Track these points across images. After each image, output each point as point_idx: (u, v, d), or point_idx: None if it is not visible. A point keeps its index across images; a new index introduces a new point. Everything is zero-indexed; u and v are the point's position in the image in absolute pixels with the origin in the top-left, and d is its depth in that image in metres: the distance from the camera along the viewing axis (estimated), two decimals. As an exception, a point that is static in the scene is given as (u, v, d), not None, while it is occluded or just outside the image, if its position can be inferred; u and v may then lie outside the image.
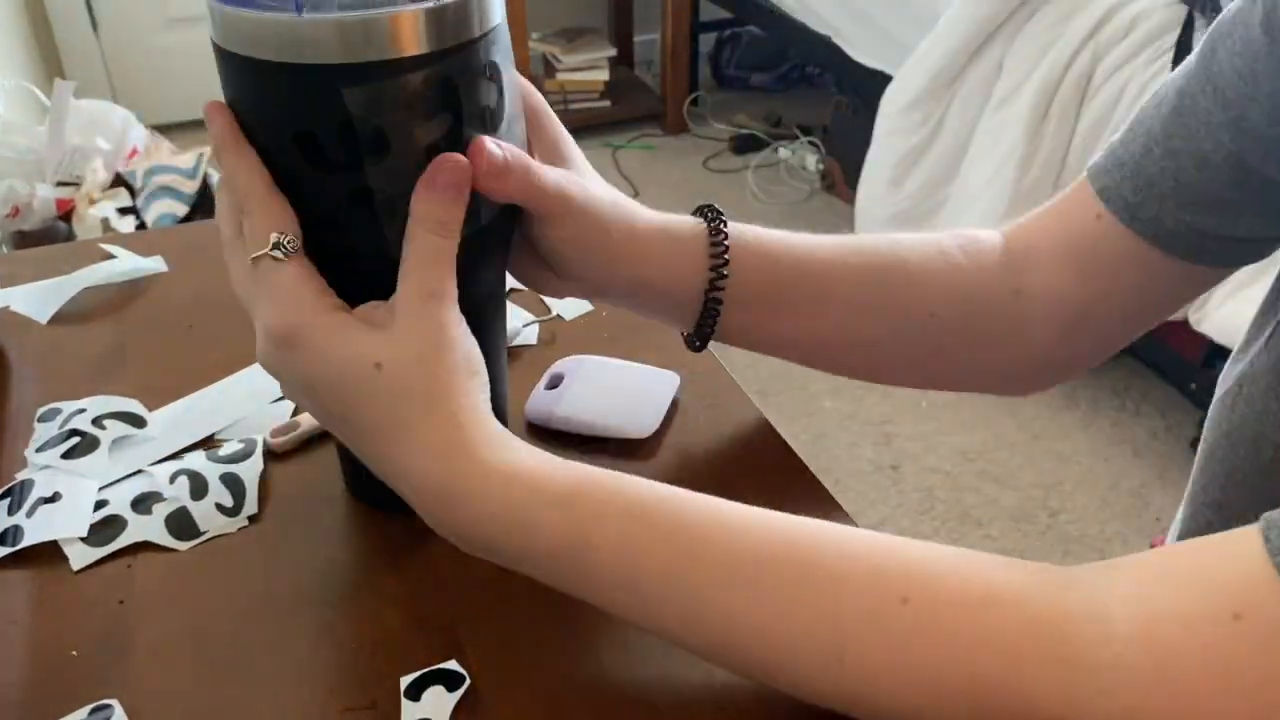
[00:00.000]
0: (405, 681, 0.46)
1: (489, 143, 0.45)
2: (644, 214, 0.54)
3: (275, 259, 0.45)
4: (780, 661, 0.41)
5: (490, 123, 0.46)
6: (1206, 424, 0.56)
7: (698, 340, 0.57)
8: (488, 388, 0.45)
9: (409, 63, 0.42)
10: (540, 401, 0.62)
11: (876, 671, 0.39)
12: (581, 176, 0.52)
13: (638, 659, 0.48)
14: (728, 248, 0.54)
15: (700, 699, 0.46)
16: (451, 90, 0.44)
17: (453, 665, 0.47)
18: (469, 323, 0.46)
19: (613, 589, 0.43)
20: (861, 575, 0.40)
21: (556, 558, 0.43)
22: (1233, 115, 0.50)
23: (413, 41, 0.42)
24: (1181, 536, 0.61)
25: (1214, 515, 0.56)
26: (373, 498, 0.56)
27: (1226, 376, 0.56)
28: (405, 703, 0.45)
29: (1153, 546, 0.76)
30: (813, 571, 0.41)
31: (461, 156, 0.45)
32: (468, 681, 0.46)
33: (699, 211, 0.56)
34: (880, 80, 2.24)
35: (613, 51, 3.10)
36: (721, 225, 0.54)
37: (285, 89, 0.43)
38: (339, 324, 0.44)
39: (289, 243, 0.45)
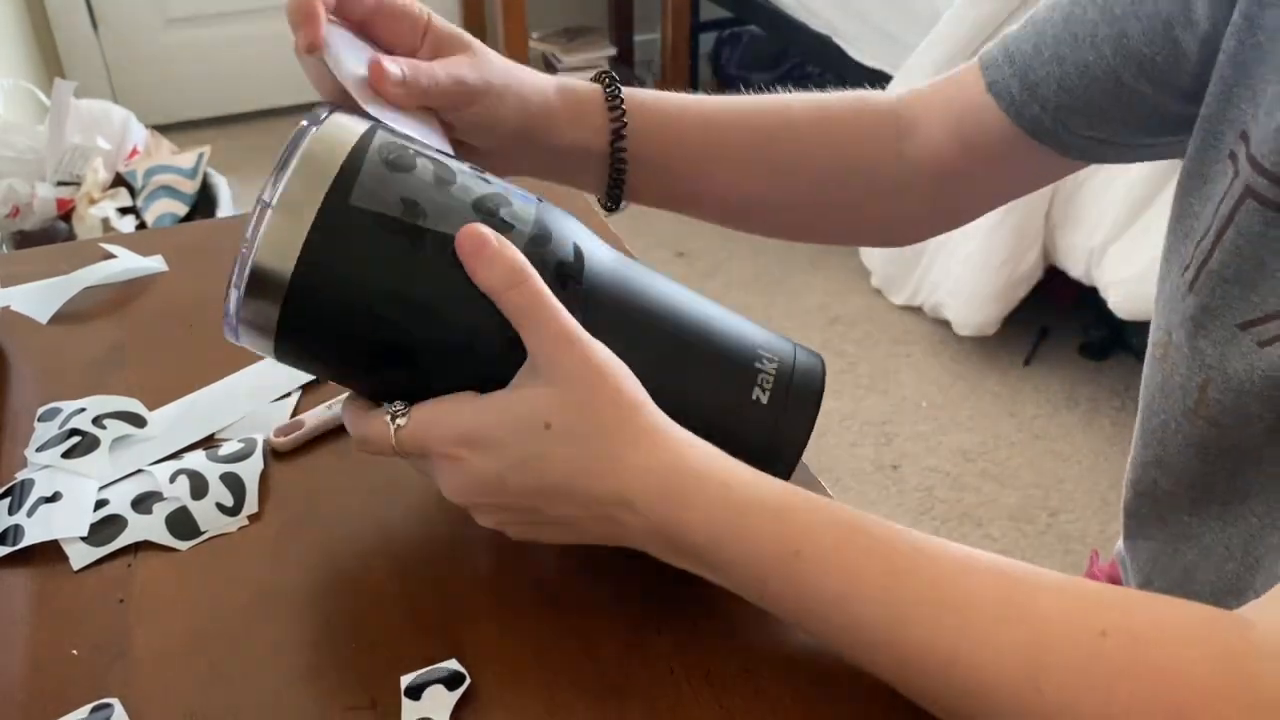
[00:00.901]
0: (405, 681, 0.46)
1: (385, 61, 0.50)
2: (540, 80, 0.58)
3: (401, 410, 0.47)
4: (980, 689, 0.41)
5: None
6: (1143, 384, 0.59)
7: (610, 202, 0.63)
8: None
9: None
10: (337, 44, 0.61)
11: (1076, 702, 0.39)
12: (477, 57, 0.56)
13: (638, 659, 0.48)
14: (624, 107, 0.59)
15: (700, 697, 0.46)
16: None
17: (453, 665, 0.47)
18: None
19: (818, 601, 0.43)
20: (1061, 606, 0.41)
21: (765, 566, 0.44)
22: (1116, 31, 0.55)
23: None
24: (1129, 498, 0.64)
25: (1157, 473, 0.58)
26: None
27: (1154, 331, 0.58)
28: (405, 702, 0.45)
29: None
30: (1016, 599, 0.41)
31: (475, 228, 0.45)
32: (468, 681, 0.46)
33: (596, 78, 0.61)
34: (880, 80, 2.24)
35: (613, 51, 3.10)
36: (617, 87, 0.60)
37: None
38: (488, 409, 0.45)
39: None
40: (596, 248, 0.50)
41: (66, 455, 0.59)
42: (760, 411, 0.49)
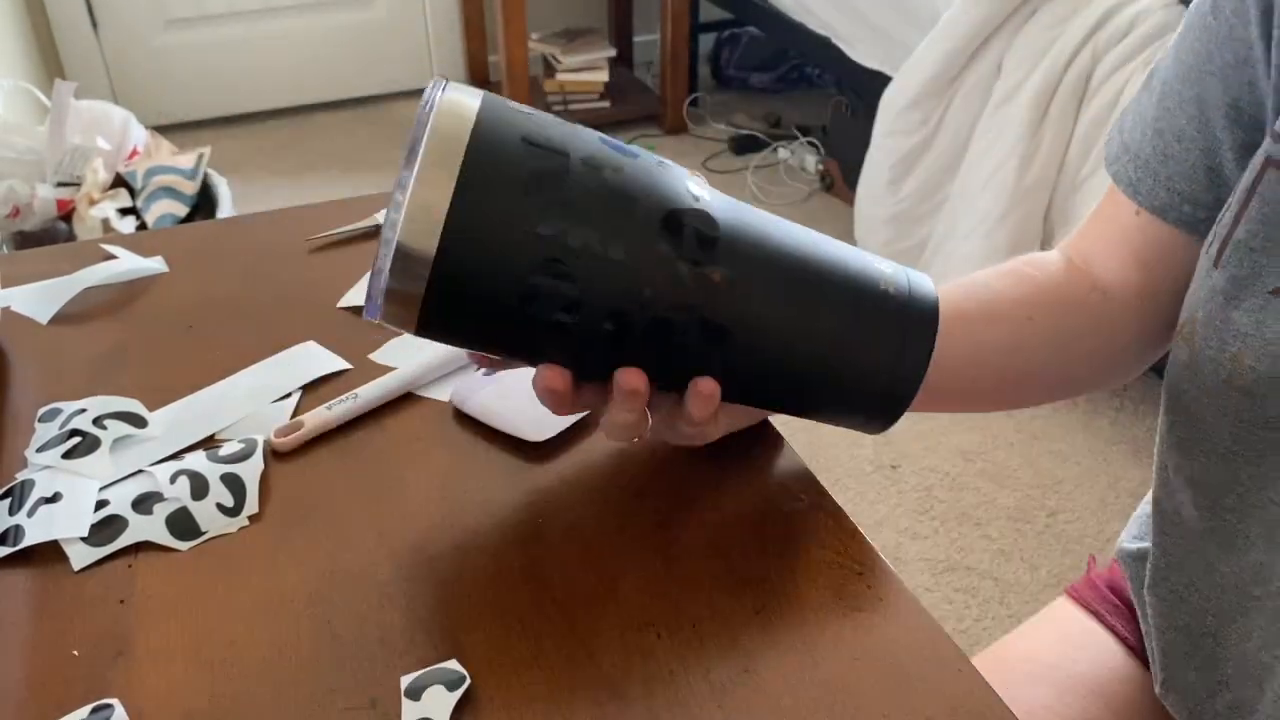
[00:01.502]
0: (405, 681, 0.46)
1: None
2: None
3: None
4: None
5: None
6: (1169, 365, 0.59)
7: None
8: None
9: None
10: (466, 384, 0.63)
11: None
12: None
13: (638, 659, 0.48)
14: None
15: (700, 697, 0.46)
16: None
17: (453, 665, 0.47)
18: None
19: None
20: None
21: None
22: (1196, 91, 0.58)
23: None
24: (1156, 489, 0.63)
25: (1180, 458, 0.58)
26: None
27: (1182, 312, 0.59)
28: (405, 702, 0.45)
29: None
30: None
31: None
32: (468, 681, 0.46)
33: None
34: (879, 81, 2.24)
35: (612, 52, 3.10)
36: None
37: None
38: None
39: None
40: (714, 197, 0.51)
41: (67, 456, 0.59)
42: (888, 321, 0.51)
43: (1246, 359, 0.52)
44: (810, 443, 1.91)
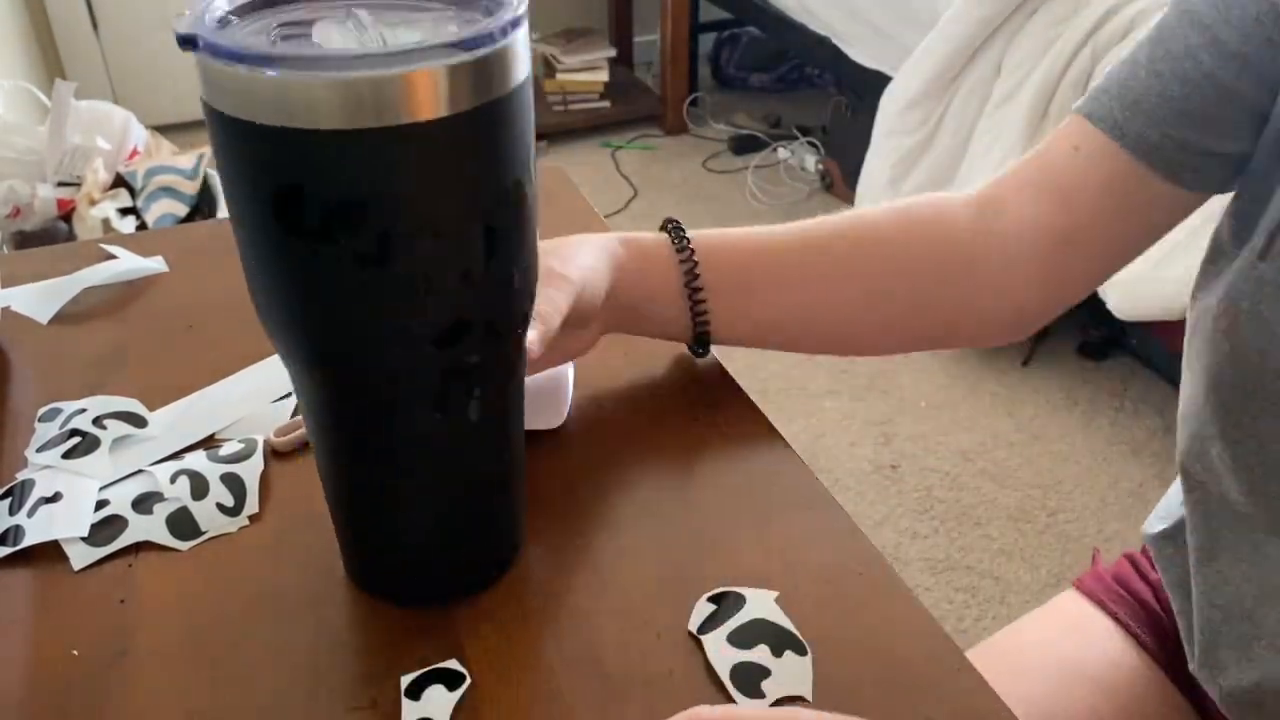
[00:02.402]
0: (405, 681, 0.46)
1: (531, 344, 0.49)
2: (605, 246, 0.58)
3: None
4: None
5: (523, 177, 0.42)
6: (1194, 361, 0.57)
7: (699, 346, 0.61)
8: None
9: (426, 127, 0.37)
10: None
11: None
12: (564, 269, 0.56)
13: (637, 659, 0.48)
14: (692, 247, 0.59)
15: (700, 698, 0.46)
16: (476, 155, 0.40)
17: (453, 665, 0.47)
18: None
19: None
20: None
21: None
22: (1208, 37, 0.55)
23: (431, 103, 0.37)
24: (1185, 484, 0.61)
25: (1224, 445, 0.57)
26: (375, 586, 0.52)
27: (1204, 307, 0.57)
28: (405, 702, 0.45)
29: (1145, 547, 0.77)
30: None
31: None
32: (468, 681, 0.46)
33: (661, 227, 0.61)
34: (879, 80, 2.24)
35: (612, 52, 3.10)
36: (681, 230, 0.60)
37: (279, 153, 0.38)
38: None
39: None
40: None
41: (67, 456, 0.59)
42: None
43: None
44: (810, 443, 1.91)
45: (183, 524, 0.55)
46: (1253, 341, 0.53)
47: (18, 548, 0.53)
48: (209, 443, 0.61)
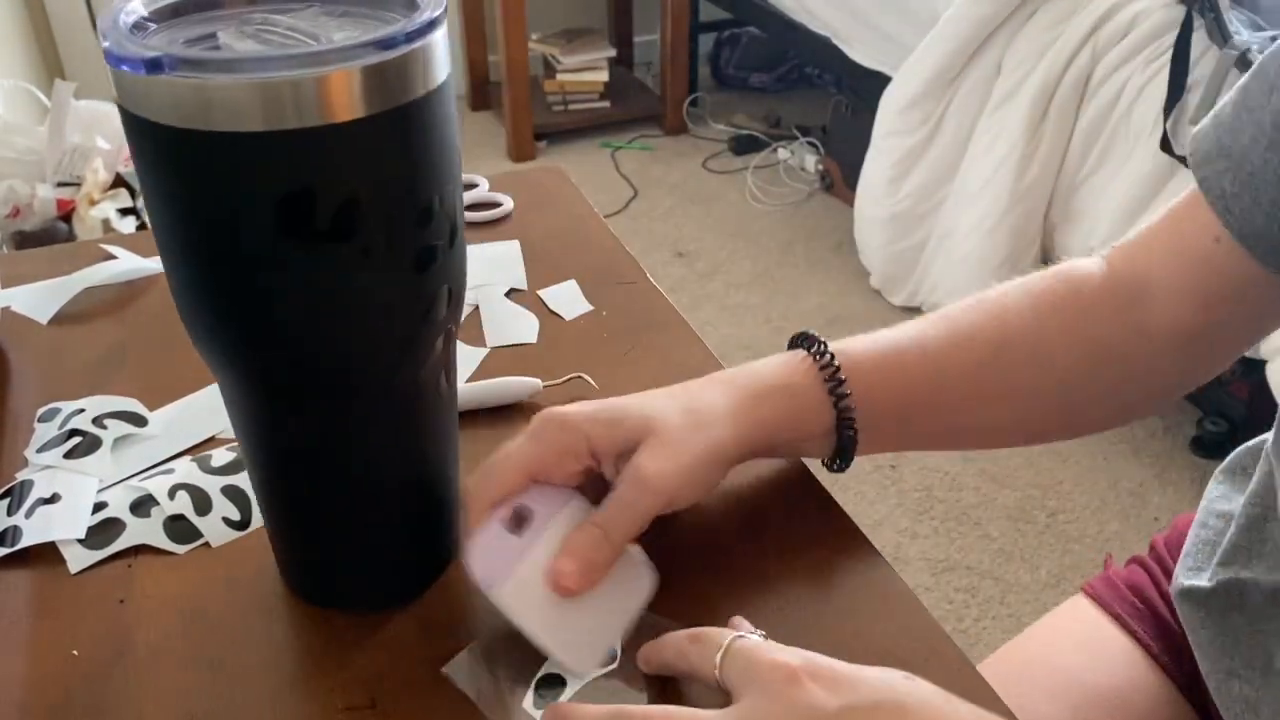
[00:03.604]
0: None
1: (559, 576, 0.46)
2: (761, 420, 0.52)
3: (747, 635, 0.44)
4: None
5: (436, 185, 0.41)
6: None
7: (839, 465, 0.57)
8: None
9: (344, 129, 0.37)
10: (492, 555, 0.47)
11: None
12: (662, 443, 0.49)
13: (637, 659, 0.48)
14: (847, 391, 0.53)
15: (700, 697, 0.46)
16: (394, 157, 0.39)
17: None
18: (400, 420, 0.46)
19: None
20: None
21: None
22: None
23: (347, 106, 0.37)
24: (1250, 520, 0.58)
25: None
26: (308, 594, 0.51)
27: None
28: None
29: (1151, 547, 0.76)
30: None
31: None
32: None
33: (797, 343, 0.55)
34: (879, 81, 2.24)
35: (612, 52, 3.10)
36: (831, 361, 0.53)
37: (195, 159, 0.38)
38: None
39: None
40: None
41: (68, 456, 0.59)
42: None
43: None
44: (810, 443, 1.91)
45: (181, 529, 0.55)
46: None
47: (15, 548, 0.53)
48: (209, 444, 0.60)
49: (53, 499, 0.56)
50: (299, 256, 0.39)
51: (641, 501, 0.48)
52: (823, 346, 0.54)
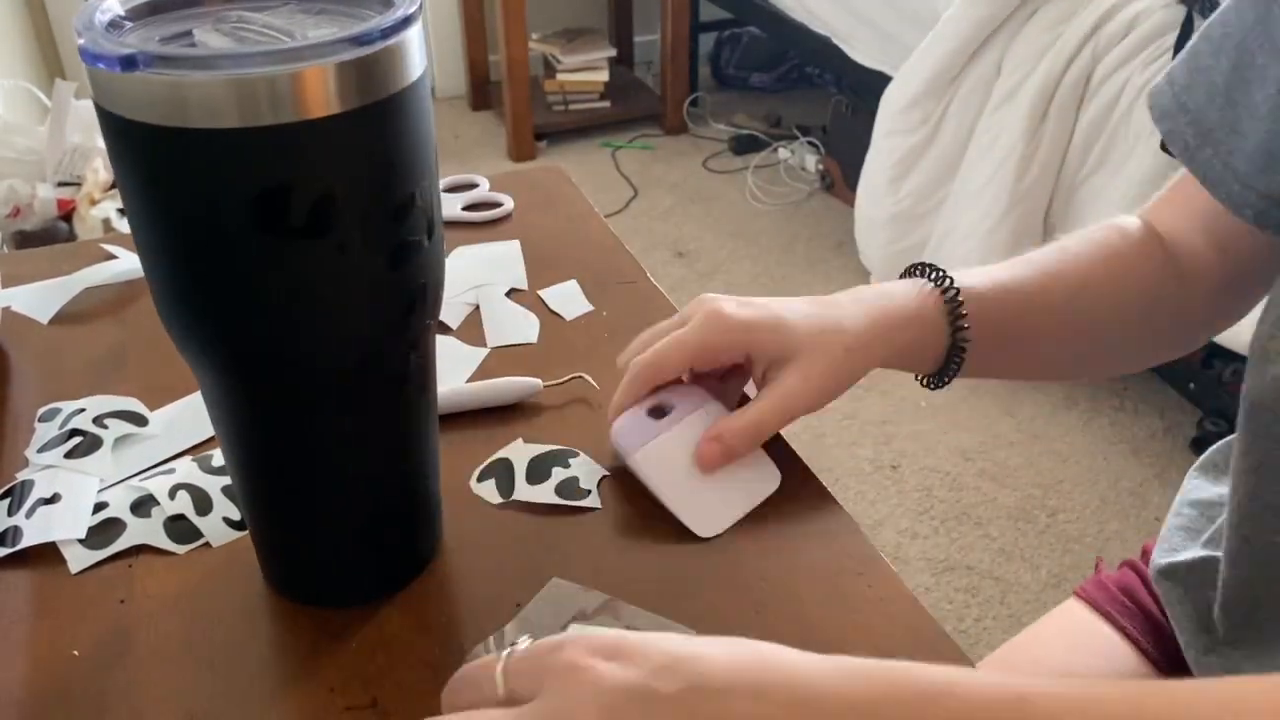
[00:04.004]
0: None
1: (704, 456, 0.54)
2: (893, 341, 0.58)
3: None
4: None
5: (415, 185, 0.41)
6: (1246, 389, 0.54)
7: (935, 384, 0.62)
8: None
9: (319, 125, 0.37)
10: (634, 431, 0.57)
11: None
12: (809, 358, 0.55)
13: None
14: (965, 315, 0.59)
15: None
16: (370, 152, 0.39)
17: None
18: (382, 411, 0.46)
19: None
20: None
21: None
22: None
23: (322, 102, 0.37)
24: (1236, 540, 0.58)
25: (1273, 486, 0.54)
26: (287, 590, 0.51)
27: (1266, 350, 0.54)
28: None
29: (1143, 551, 0.76)
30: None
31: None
32: None
33: (915, 272, 0.61)
34: (880, 80, 2.24)
35: (612, 52, 3.10)
36: (956, 295, 0.59)
37: (171, 156, 0.38)
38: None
39: None
40: None
41: (69, 456, 0.59)
42: None
43: None
44: (810, 442, 1.91)
45: (182, 529, 0.55)
46: None
47: (15, 548, 0.53)
48: (205, 447, 0.61)
49: (53, 499, 0.56)
50: (275, 252, 0.39)
51: (789, 412, 0.55)
52: (949, 280, 0.59)
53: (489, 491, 0.57)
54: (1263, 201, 0.57)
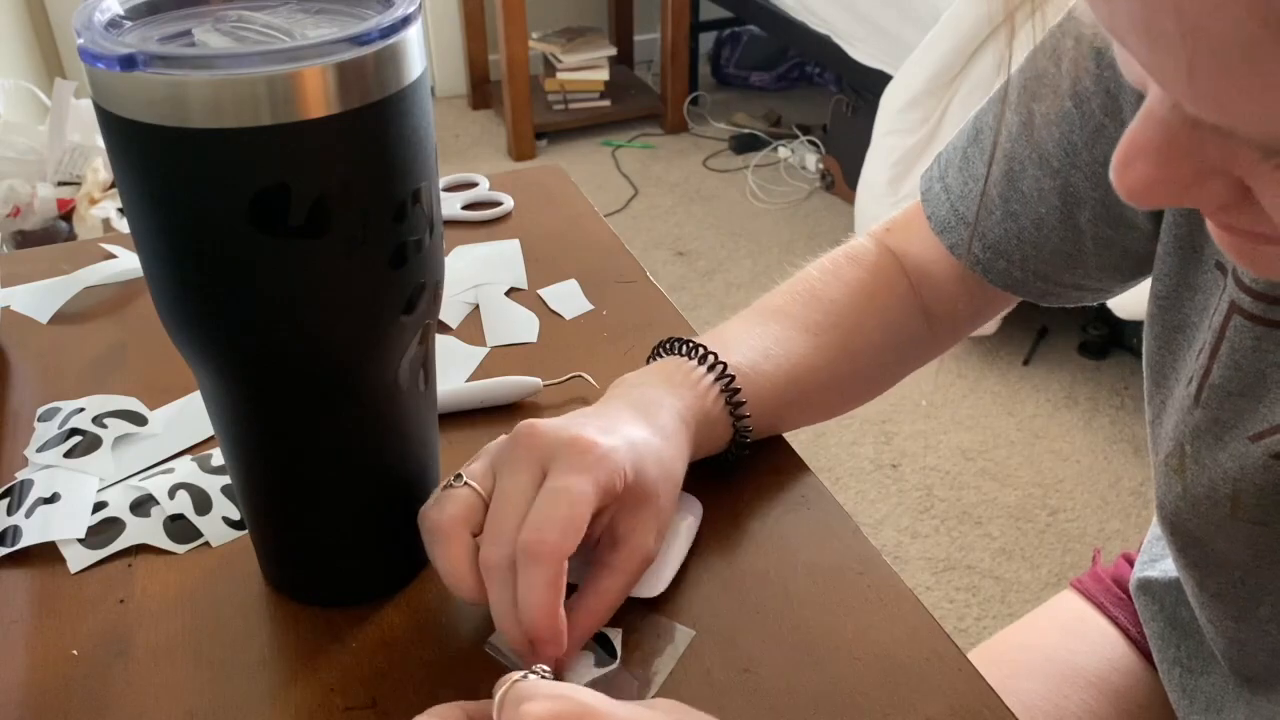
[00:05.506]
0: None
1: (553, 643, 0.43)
2: (670, 443, 0.51)
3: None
4: None
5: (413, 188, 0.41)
6: (1160, 493, 0.55)
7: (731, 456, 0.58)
8: None
9: (318, 125, 0.37)
10: None
11: None
12: (650, 506, 0.48)
13: (638, 657, 0.48)
14: (743, 404, 0.55)
15: (700, 697, 0.46)
16: (368, 153, 0.39)
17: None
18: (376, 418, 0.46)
19: None
20: None
21: None
22: (1060, 183, 0.55)
23: (321, 102, 0.37)
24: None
25: (1200, 576, 0.55)
26: (292, 590, 0.52)
27: (1162, 441, 0.55)
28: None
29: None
30: None
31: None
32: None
33: (674, 349, 0.57)
34: (880, 79, 2.24)
35: (613, 51, 3.10)
36: (731, 384, 0.55)
37: (170, 155, 0.38)
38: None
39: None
40: None
41: (68, 455, 0.59)
42: None
43: (1244, 498, 0.48)
44: (810, 442, 1.91)
45: (181, 529, 0.55)
46: (1196, 485, 0.51)
47: (15, 548, 0.53)
48: (205, 447, 0.61)
49: (53, 499, 0.56)
50: (275, 252, 0.39)
51: (641, 567, 0.48)
52: (723, 369, 0.55)
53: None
54: (1064, 289, 0.59)
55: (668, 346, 0.58)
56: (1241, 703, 0.58)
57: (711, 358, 0.56)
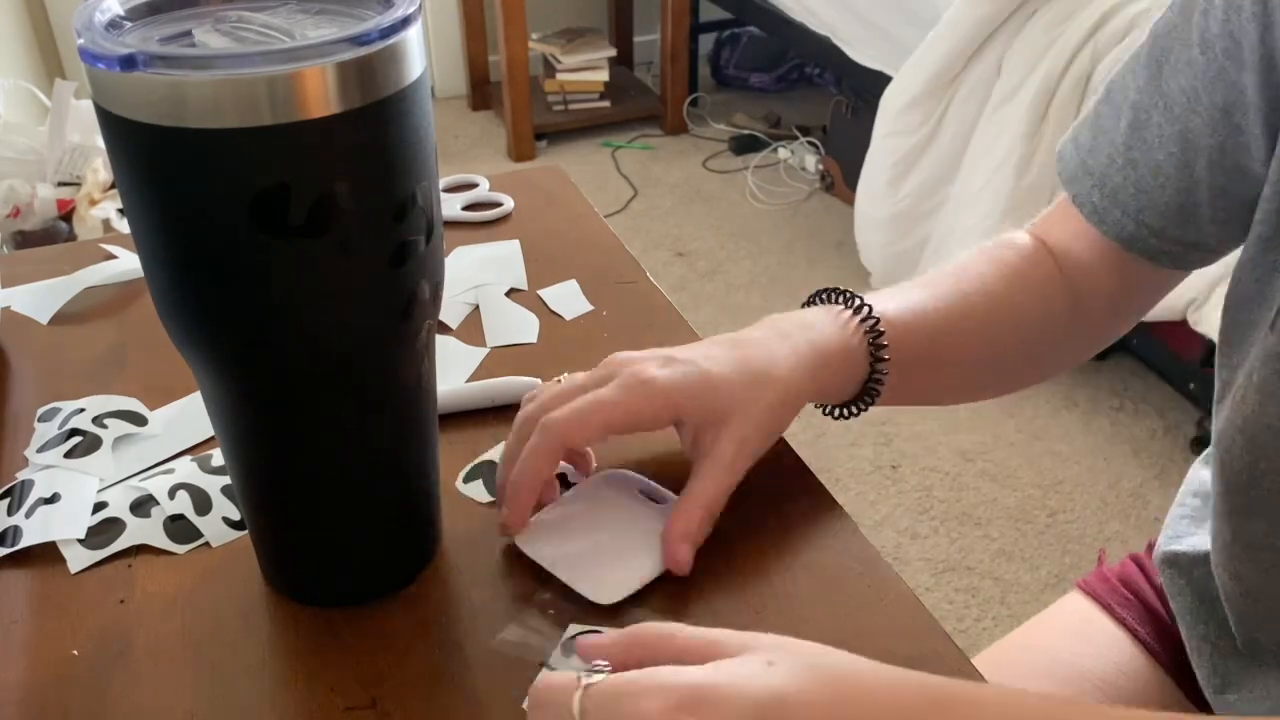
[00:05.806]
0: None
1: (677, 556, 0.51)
2: (791, 365, 0.55)
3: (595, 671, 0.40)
4: None
5: (413, 187, 0.42)
6: (1216, 431, 0.56)
7: (845, 415, 0.60)
8: None
9: (318, 125, 0.37)
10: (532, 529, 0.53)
11: None
12: (740, 421, 0.53)
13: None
14: (885, 347, 0.57)
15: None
16: (370, 152, 0.39)
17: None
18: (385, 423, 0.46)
19: None
20: None
21: None
22: (1179, 129, 0.56)
23: (321, 102, 0.37)
24: (1222, 555, 0.60)
25: (1241, 521, 0.56)
26: (292, 590, 0.51)
27: (1227, 376, 0.56)
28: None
29: (1151, 546, 0.76)
30: None
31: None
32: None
33: (826, 298, 0.59)
34: (880, 80, 2.24)
35: (612, 52, 3.10)
36: (875, 325, 0.57)
37: (170, 156, 0.38)
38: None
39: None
40: None
41: (68, 455, 0.59)
42: None
43: None
44: (810, 442, 1.91)
45: (181, 529, 0.55)
46: (1262, 415, 0.52)
47: (15, 548, 0.53)
48: (205, 447, 0.61)
49: (53, 499, 0.56)
50: (275, 252, 0.39)
51: (733, 483, 0.53)
52: (869, 309, 0.57)
53: (477, 491, 0.57)
54: (1176, 247, 0.60)
55: (823, 296, 0.60)
56: (1273, 681, 0.58)
57: (858, 300, 0.58)
